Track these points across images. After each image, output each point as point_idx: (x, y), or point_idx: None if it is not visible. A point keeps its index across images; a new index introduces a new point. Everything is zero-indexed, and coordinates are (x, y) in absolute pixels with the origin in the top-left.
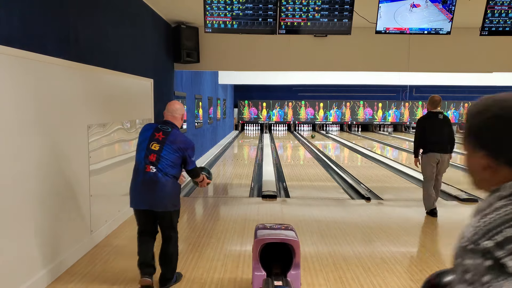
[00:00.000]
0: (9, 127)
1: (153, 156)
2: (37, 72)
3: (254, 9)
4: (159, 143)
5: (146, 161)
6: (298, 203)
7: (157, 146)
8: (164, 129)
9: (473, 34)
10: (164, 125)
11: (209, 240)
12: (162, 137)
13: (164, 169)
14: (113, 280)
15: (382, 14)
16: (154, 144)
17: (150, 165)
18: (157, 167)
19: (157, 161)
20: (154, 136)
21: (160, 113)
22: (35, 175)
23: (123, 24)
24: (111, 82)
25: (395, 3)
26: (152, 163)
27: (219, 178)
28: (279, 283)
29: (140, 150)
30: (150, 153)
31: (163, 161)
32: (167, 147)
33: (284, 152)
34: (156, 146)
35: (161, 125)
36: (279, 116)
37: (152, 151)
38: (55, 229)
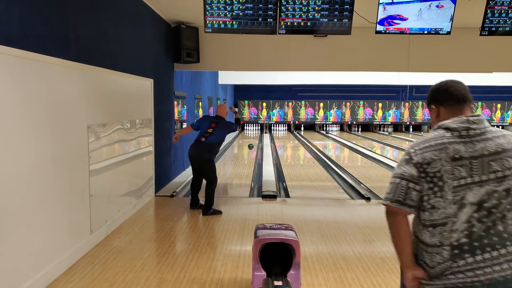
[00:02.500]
0: (9, 127)
1: (207, 135)
2: (37, 72)
3: (254, 9)
4: (212, 129)
5: (203, 136)
6: (298, 203)
7: (211, 130)
8: (216, 121)
9: (473, 34)
10: (216, 118)
11: (209, 240)
12: (214, 126)
13: (211, 142)
14: (113, 280)
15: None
16: (210, 129)
17: (204, 138)
18: (207, 139)
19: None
20: (210, 125)
21: (160, 113)
22: (35, 175)
23: (123, 24)
24: (111, 82)
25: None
26: (205, 137)
27: (219, 178)
28: (279, 283)
29: (203, 130)
30: (206, 132)
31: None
32: (216, 131)
33: (284, 152)
34: (210, 130)
35: (215, 119)
36: (279, 116)
37: (208, 131)
38: (55, 229)
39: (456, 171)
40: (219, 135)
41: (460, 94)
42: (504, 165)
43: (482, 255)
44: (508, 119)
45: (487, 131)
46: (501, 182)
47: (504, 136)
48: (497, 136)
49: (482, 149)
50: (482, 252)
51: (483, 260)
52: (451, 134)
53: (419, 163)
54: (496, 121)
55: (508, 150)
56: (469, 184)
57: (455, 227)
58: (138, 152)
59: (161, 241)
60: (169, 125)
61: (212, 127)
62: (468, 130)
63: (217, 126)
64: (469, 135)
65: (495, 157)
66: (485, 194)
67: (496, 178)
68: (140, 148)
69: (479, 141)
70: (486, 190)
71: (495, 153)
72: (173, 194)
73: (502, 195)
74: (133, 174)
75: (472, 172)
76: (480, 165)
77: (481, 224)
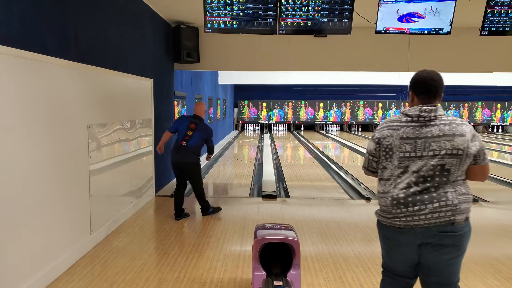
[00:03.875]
0: (9, 127)
1: (187, 138)
2: (37, 72)
3: (254, 9)
4: (192, 131)
5: (183, 140)
6: (298, 203)
7: (190, 132)
8: (195, 121)
9: (473, 34)
10: (195, 119)
11: (209, 240)
12: (193, 127)
13: (191, 145)
14: (113, 280)
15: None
16: (189, 131)
17: (184, 142)
18: (187, 143)
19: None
20: (189, 126)
21: (160, 113)
22: (34, 175)
23: (123, 24)
24: (111, 82)
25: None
26: (186, 141)
27: (219, 178)
28: (279, 283)
29: (181, 133)
30: (186, 136)
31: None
32: (196, 133)
33: (284, 152)
34: (190, 132)
35: (193, 119)
36: (279, 116)
37: (187, 134)
38: (55, 229)
39: (403, 146)
40: (200, 139)
41: (432, 91)
42: (441, 146)
43: (413, 207)
44: (508, 119)
45: (437, 119)
46: (437, 158)
47: (450, 124)
48: (444, 123)
49: (427, 132)
50: (413, 206)
51: (413, 211)
52: (406, 119)
53: (377, 138)
54: (496, 121)
55: (447, 135)
56: (412, 157)
57: (397, 185)
58: (138, 152)
59: (161, 241)
60: (169, 125)
61: (192, 129)
62: (419, 117)
63: (197, 128)
64: (419, 121)
65: (435, 139)
66: (423, 165)
67: (433, 155)
68: (140, 148)
69: (427, 126)
70: (424, 163)
71: (437, 136)
72: (173, 194)
73: (437, 168)
74: (133, 174)
75: (416, 149)
76: (422, 144)
77: (417, 186)
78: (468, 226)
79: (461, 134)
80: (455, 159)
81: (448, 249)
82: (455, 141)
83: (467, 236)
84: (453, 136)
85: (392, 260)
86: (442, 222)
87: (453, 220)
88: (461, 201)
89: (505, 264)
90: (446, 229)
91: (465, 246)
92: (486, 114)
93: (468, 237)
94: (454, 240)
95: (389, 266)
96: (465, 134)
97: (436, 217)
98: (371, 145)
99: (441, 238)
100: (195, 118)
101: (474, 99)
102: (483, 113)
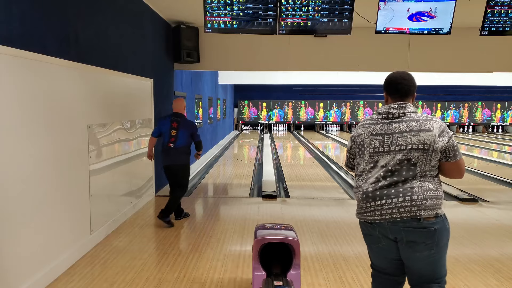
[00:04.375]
0: (9, 127)
1: (172, 139)
2: (37, 72)
3: (254, 9)
4: (175, 130)
5: (169, 142)
6: (298, 203)
7: (174, 132)
8: (176, 120)
9: (473, 34)
10: (176, 117)
11: (209, 240)
12: (176, 125)
13: (179, 145)
14: (113, 280)
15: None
16: (173, 131)
17: (171, 144)
18: (175, 145)
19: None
20: (172, 126)
21: (160, 113)
22: (34, 175)
23: (123, 24)
24: (111, 82)
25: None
26: (172, 142)
27: (219, 178)
28: (279, 283)
29: (165, 135)
30: (171, 137)
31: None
32: (180, 131)
33: (284, 152)
34: (173, 132)
35: (174, 117)
36: (279, 116)
37: (171, 135)
38: (55, 229)
39: (372, 142)
40: (186, 136)
41: (403, 91)
42: (407, 141)
43: (380, 201)
44: (508, 119)
45: (406, 116)
46: (403, 152)
47: (418, 120)
48: (411, 119)
49: (395, 128)
50: (380, 199)
51: (380, 205)
52: (377, 116)
53: (353, 136)
54: (496, 121)
55: (414, 130)
56: (381, 152)
57: (367, 180)
58: (138, 152)
59: (161, 241)
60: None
61: (175, 128)
62: (388, 114)
63: (179, 126)
64: (388, 118)
65: (402, 135)
66: (391, 160)
67: (400, 149)
68: (140, 148)
69: (395, 123)
70: (392, 157)
71: (404, 132)
72: None
73: (404, 162)
74: (133, 174)
75: (384, 144)
76: (390, 139)
77: (384, 180)
78: (440, 224)
79: (428, 130)
80: (421, 153)
81: (420, 246)
82: (421, 136)
83: (441, 234)
84: (419, 131)
85: (375, 257)
86: (408, 217)
87: (419, 216)
88: (426, 196)
89: (505, 264)
90: (412, 224)
91: (441, 244)
92: (486, 114)
93: (443, 235)
94: (423, 236)
95: (375, 264)
96: (432, 130)
97: (402, 211)
98: (349, 143)
99: (408, 234)
100: (175, 116)
101: (474, 99)
102: (483, 113)
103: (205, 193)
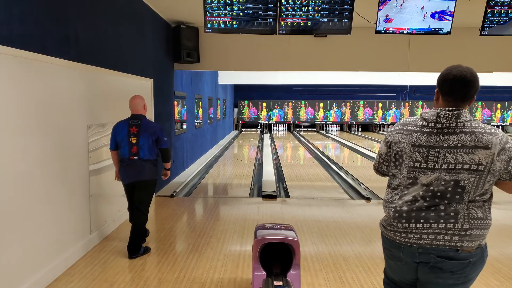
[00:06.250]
0: (9, 127)
1: (134, 148)
2: (37, 72)
3: (254, 9)
4: (135, 136)
5: (130, 154)
6: (298, 203)
7: (134, 139)
8: (135, 123)
9: (473, 34)
10: (134, 119)
11: (209, 240)
12: (136, 130)
13: (144, 156)
14: (113, 280)
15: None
16: (132, 138)
17: (133, 156)
18: (138, 156)
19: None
20: (130, 132)
21: (160, 113)
22: (34, 175)
23: (123, 24)
24: (111, 82)
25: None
26: (134, 154)
27: (219, 178)
28: (279, 283)
29: (123, 145)
30: (132, 146)
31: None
32: (142, 136)
33: (284, 152)
34: (134, 139)
35: (132, 120)
36: (279, 116)
37: (132, 144)
38: (55, 229)
39: (413, 155)
40: (151, 143)
41: (459, 94)
42: (458, 159)
43: (415, 224)
44: (508, 119)
45: (458, 126)
46: (451, 172)
47: (473, 133)
48: (466, 132)
49: (443, 141)
50: (416, 223)
51: (415, 228)
52: (422, 123)
53: (389, 141)
54: (496, 121)
55: (466, 146)
56: (423, 168)
57: (403, 197)
58: None
59: (161, 241)
60: (169, 125)
61: (134, 134)
62: (436, 123)
63: (140, 130)
64: (436, 127)
65: (452, 150)
66: (435, 180)
67: (447, 168)
68: None
69: (445, 134)
70: (436, 176)
71: (454, 147)
72: (173, 194)
73: (450, 184)
74: None
75: (428, 159)
76: (436, 155)
77: (424, 201)
78: (477, 256)
79: (485, 147)
80: (473, 175)
81: (446, 274)
82: (475, 154)
83: (475, 267)
84: (474, 148)
85: (391, 271)
86: (446, 246)
87: (459, 247)
88: (473, 226)
89: (505, 264)
90: (448, 255)
91: (470, 277)
92: (486, 114)
93: (477, 268)
94: (455, 267)
95: (389, 275)
96: (491, 147)
97: (439, 239)
98: (383, 148)
99: (439, 262)
100: (133, 118)
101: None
102: (483, 113)
103: (205, 193)
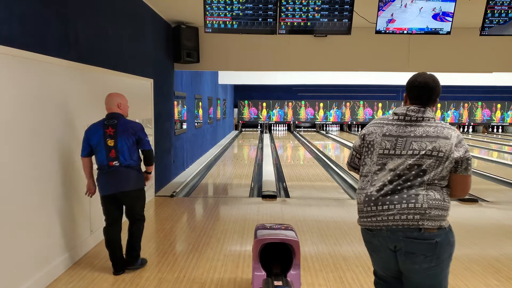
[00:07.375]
0: (9, 127)
1: (113, 152)
2: (37, 72)
3: (254, 9)
4: (112, 138)
5: (108, 159)
6: (298, 203)
7: (112, 141)
8: (111, 123)
9: (473, 34)
10: (110, 119)
11: (209, 240)
12: (113, 131)
13: (125, 161)
14: (113, 280)
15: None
16: (109, 140)
17: (113, 161)
18: (119, 161)
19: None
20: (106, 134)
21: (160, 113)
22: (34, 175)
23: (123, 24)
24: (111, 82)
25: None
26: (113, 158)
27: (219, 178)
28: (279, 283)
29: (100, 150)
30: (110, 150)
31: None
32: (121, 138)
33: (284, 152)
34: (111, 142)
35: (107, 121)
36: (279, 116)
37: (110, 147)
38: (55, 229)
39: (383, 143)
40: (131, 144)
41: (424, 97)
42: (422, 146)
43: (382, 206)
44: (508, 119)
45: (424, 120)
46: (415, 158)
47: (436, 127)
48: (430, 125)
49: (410, 132)
50: (382, 205)
51: (382, 210)
52: (393, 117)
53: (363, 134)
54: (496, 121)
55: (430, 136)
56: (391, 154)
57: (373, 183)
58: None
59: (161, 241)
60: (169, 125)
61: (111, 135)
62: (405, 116)
63: (117, 131)
64: (405, 120)
65: (417, 139)
66: (401, 164)
67: (412, 154)
68: None
69: (412, 126)
70: (402, 161)
71: (419, 137)
72: (173, 194)
73: (413, 167)
74: None
75: (396, 147)
76: (403, 143)
77: (390, 185)
78: (442, 236)
79: (445, 137)
80: (434, 160)
81: (419, 258)
82: (437, 142)
83: (443, 248)
84: (436, 137)
85: (376, 265)
86: (409, 226)
87: (421, 225)
88: (432, 206)
89: (505, 264)
90: (412, 234)
91: (442, 258)
92: (486, 114)
93: (445, 249)
94: (424, 249)
95: (377, 273)
96: (450, 138)
97: (403, 219)
98: (357, 141)
99: (408, 245)
100: (109, 118)
101: (474, 99)
102: (483, 113)
103: (205, 193)
